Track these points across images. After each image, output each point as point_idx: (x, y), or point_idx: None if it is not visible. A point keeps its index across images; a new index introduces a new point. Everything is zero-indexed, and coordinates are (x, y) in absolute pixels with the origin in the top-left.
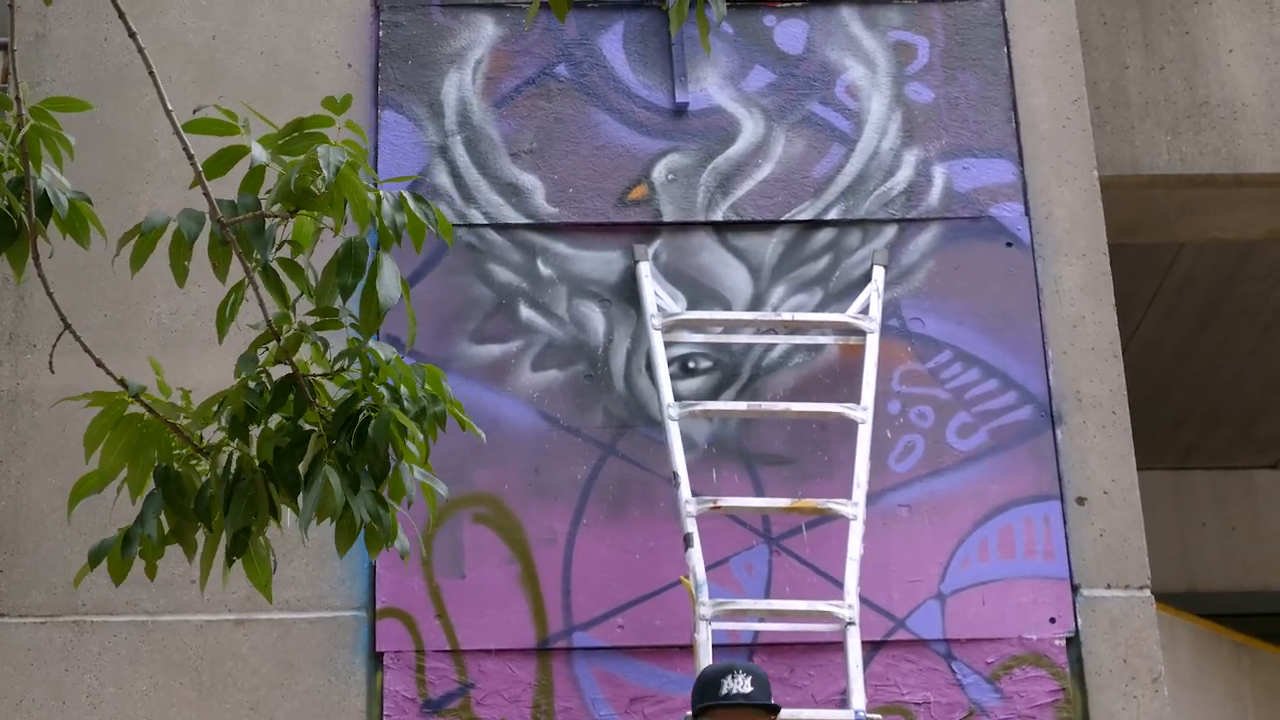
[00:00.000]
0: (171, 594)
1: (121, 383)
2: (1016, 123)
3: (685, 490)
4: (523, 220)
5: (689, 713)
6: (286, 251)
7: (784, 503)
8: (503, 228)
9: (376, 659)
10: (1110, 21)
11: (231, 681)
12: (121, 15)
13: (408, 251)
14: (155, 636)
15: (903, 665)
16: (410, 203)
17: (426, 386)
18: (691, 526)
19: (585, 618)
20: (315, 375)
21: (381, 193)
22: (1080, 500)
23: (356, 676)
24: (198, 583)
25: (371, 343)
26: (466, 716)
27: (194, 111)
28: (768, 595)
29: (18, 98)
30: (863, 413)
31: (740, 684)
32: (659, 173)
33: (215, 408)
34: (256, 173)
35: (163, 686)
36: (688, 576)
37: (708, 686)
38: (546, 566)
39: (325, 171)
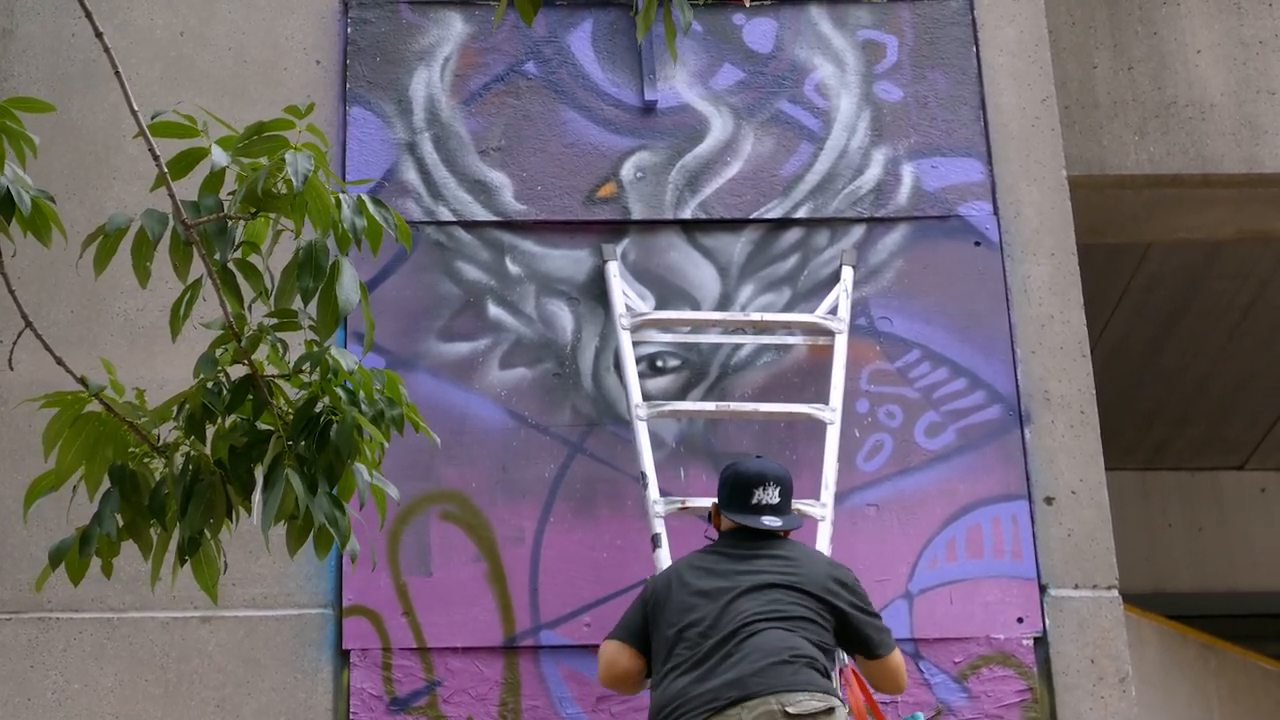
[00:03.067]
0: (137, 591)
1: (81, 381)
2: (985, 122)
3: (653, 491)
4: (491, 218)
5: (714, 501)
6: (242, 253)
7: None
8: (471, 225)
9: (343, 656)
10: (1079, 21)
11: (198, 679)
12: (88, 14)
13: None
14: (121, 633)
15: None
16: (370, 206)
17: (384, 390)
18: (660, 527)
19: (552, 616)
20: (273, 376)
21: (341, 197)
22: (1048, 500)
23: (323, 674)
24: (163, 580)
25: (334, 349)
26: (433, 714)
27: (152, 117)
28: None
29: None
30: (831, 413)
31: (770, 494)
32: (627, 171)
33: (175, 408)
34: (217, 175)
35: (128, 684)
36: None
37: (737, 492)
38: (514, 565)
39: (294, 179)
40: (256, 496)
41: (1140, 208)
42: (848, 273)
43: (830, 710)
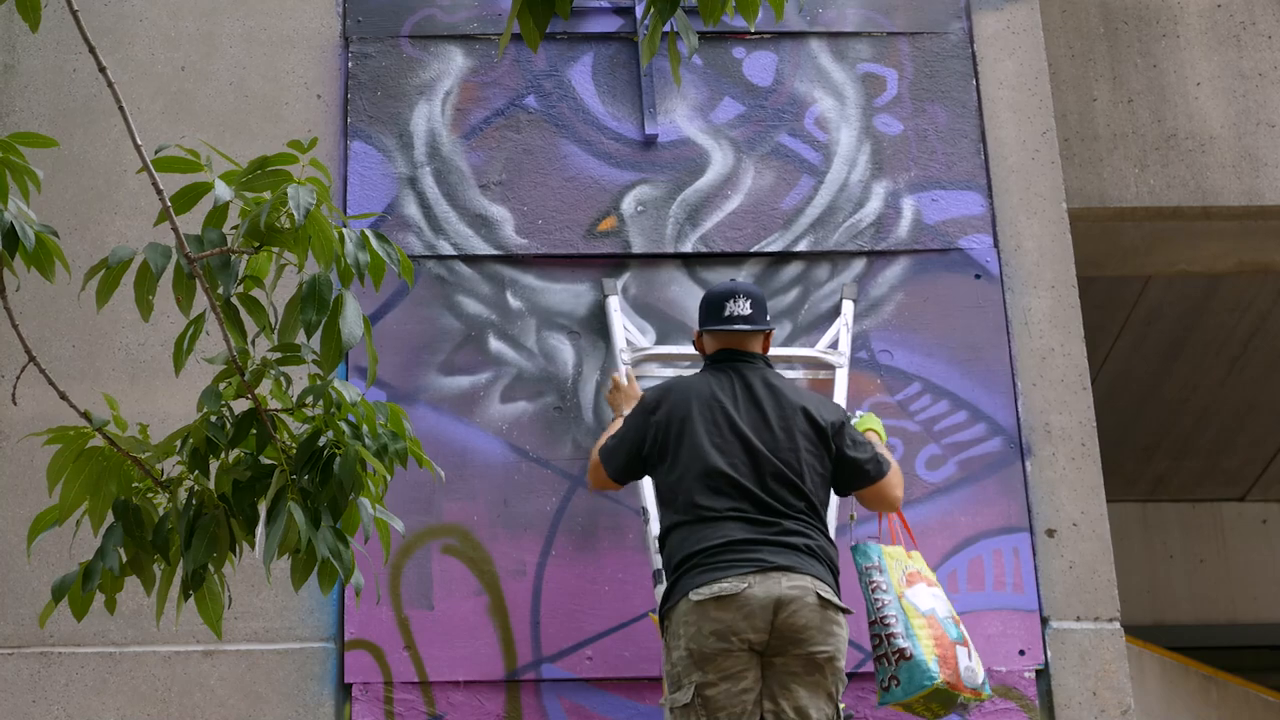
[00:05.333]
0: (139, 625)
1: (85, 416)
2: (985, 155)
3: (655, 526)
4: (492, 252)
5: (698, 329)
6: (245, 287)
7: None
8: (472, 259)
9: (345, 690)
10: (1078, 54)
11: (199, 713)
12: (92, 50)
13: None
14: (123, 668)
15: (873, 697)
16: (372, 241)
17: (387, 424)
18: (660, 562)
19: (554, 649)
20: (276, 410)
21: (345, 231)
22: (1050, 532)
23: (325, 708)
24: (166, 614)
25: (337, 381)
26: None
27: (157, 150)
28: None
29: None
30: None
31: (741, 307)
32: (628, 204)
33: (178, 442)
34: (220, 209)
35: (130, 718)
36: (655, 612)
37: (711, 309)
38: (515, 598)
39: (296, 213)
40: (260, 531)
41: (1140, 240)
42: (848, 306)
43: (847, 612)
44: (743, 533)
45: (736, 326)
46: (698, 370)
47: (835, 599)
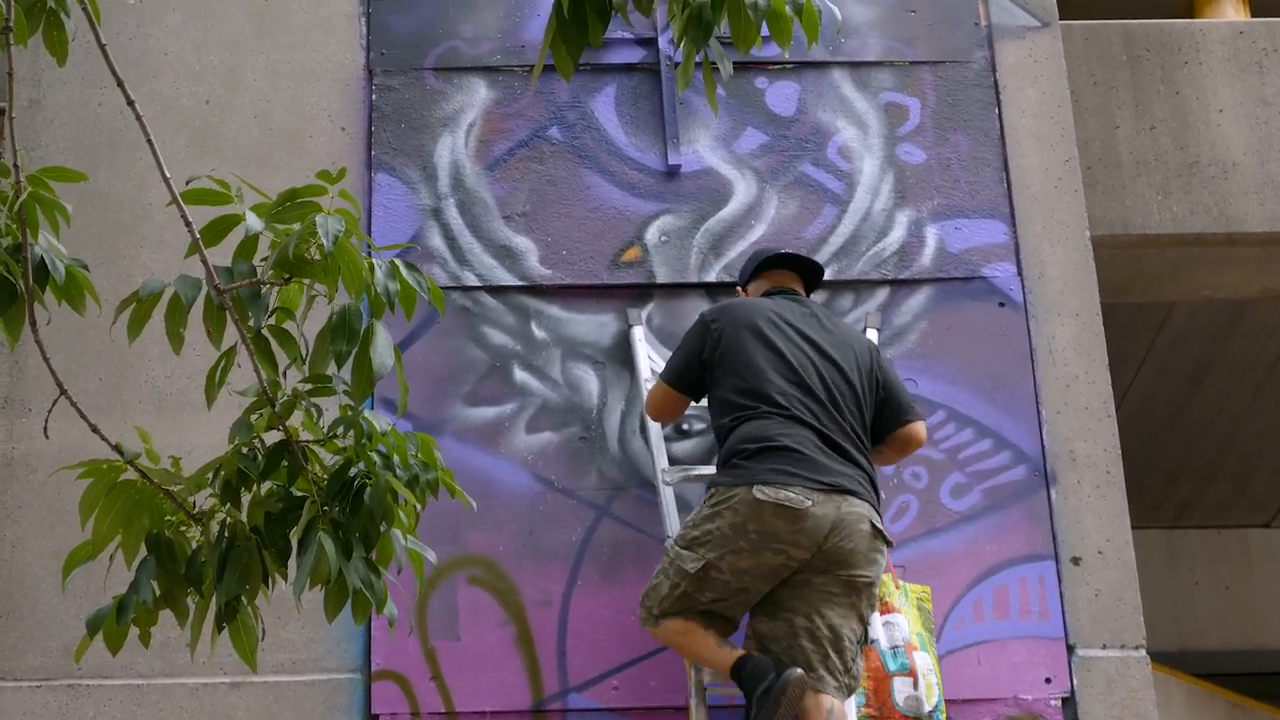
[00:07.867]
0: (167, 657)
1: (117, 449)
2: (1008, 183)
3: None
4: (516, 283)
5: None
6: (276, 319)
7: None
8: (496, 290)
9: None
10: (1100, 82)
11: None
12: (120, 84)
13: (401, 314)
14: (150, 700)
15: None
16: (403, 270)
17: (418, 454)
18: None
19: (580, 679)
20: (307, 441)
21: (375, 261)
22: (1075, 560)
23: None
24: (189, 647)
25: (367, 412)
26: None
27: (187, 182)
28: None
29: (15, 165)
30: None
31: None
32: (652, 235)
33: (210, 475)
34: (250, 240)
35: None
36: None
37: (766, 254)
38: (542, 628)
39: (325, 241)
40: (293, 562)
41: (1164, 267)
42: (872, 335)
43: (890, 545)
44: (816, 444)
45: (791, 258)
46: None
47: (884, 530)
